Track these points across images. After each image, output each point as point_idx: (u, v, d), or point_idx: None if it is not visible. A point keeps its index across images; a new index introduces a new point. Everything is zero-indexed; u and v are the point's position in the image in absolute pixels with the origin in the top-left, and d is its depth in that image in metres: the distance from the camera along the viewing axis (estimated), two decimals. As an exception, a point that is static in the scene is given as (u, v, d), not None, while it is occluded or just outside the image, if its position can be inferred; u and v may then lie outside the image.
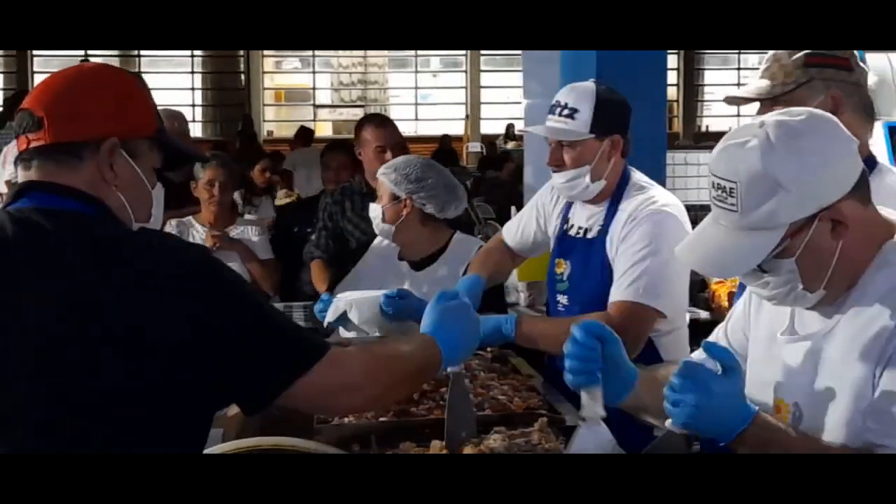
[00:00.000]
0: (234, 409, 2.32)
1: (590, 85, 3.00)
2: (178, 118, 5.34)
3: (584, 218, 3.08)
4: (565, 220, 3.16)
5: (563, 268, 3.09)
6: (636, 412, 2.02)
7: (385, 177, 3.66)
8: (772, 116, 1.79)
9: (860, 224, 1.75)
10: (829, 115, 1.83)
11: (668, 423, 1.79)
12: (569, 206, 3.17)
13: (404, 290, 3.33)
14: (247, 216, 5.96)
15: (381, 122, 4.59)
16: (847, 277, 1.77)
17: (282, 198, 8.49)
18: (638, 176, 3.06)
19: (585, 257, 3.01)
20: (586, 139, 2.95)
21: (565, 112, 2.96)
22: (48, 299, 1.61)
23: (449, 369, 2.27)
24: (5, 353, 1.60)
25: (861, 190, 1.76)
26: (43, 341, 1.60)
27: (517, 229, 3.40)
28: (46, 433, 1.60)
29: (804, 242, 1.73)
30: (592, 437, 1.95)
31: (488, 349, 3.11)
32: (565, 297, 3.07)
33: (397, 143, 4.43)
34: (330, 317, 3.43)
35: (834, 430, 1.74)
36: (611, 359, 1.98)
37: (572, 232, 3.10)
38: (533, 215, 3.34)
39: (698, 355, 1.98)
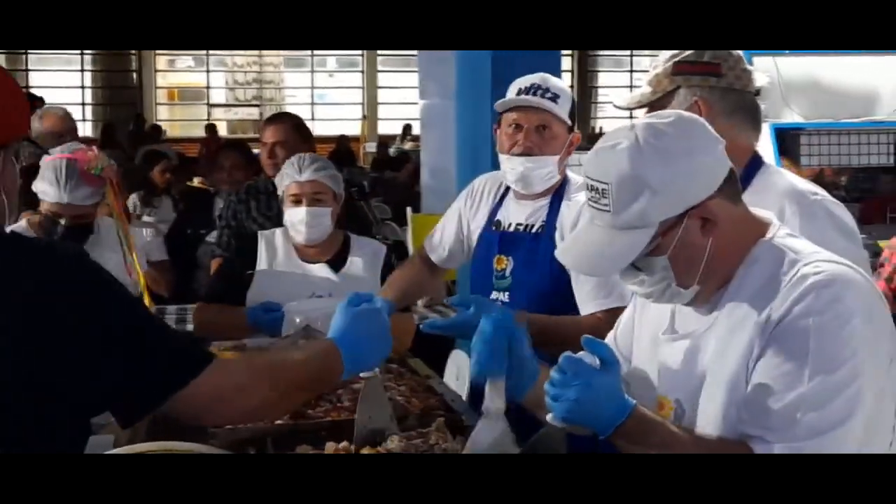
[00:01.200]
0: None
1: (558, 79, 3.02)
2: (65, 117, 5.21)
3: (523, 215, 3.05)
4: (493, 221, 3.12)
5: (505, 264, 3.03)
6: (536, 409, 2.04)
7: (327, 178, 3.56)
8: (642, 119, 1.85)
9: (730, 222, 1.81)
10: (696, 116, 1.89)
11: (549, 417, 1.82)
12: (498, 206, 3.14)
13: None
14: (145, 218, 5.85)
15: (288, 119, 4.57)
16: (720, 274, 1.83)
17: (195, 182, 8.35)
18: (573, 174, 3.05)
19: (531, 252, 2.98)
20: (564, 127, 2.98)
21: (549, 94, 2.95)
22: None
23: (362, 374, 2.24)
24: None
25: (729, 188, 1.82)
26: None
27: (438, 238, 3.33)
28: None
29: (675, 240, 1.78)
30: (492, 427, 2.00)
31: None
32: (506, 293, 3.01)
33: (306, 142, 4.42)
34: (287, 329, 3.36)
35: (712, 423, 1.79)
36: (516, 355, 2.03)
37: (512, 228, 3.07)
38: (454, 220, 3.28)
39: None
